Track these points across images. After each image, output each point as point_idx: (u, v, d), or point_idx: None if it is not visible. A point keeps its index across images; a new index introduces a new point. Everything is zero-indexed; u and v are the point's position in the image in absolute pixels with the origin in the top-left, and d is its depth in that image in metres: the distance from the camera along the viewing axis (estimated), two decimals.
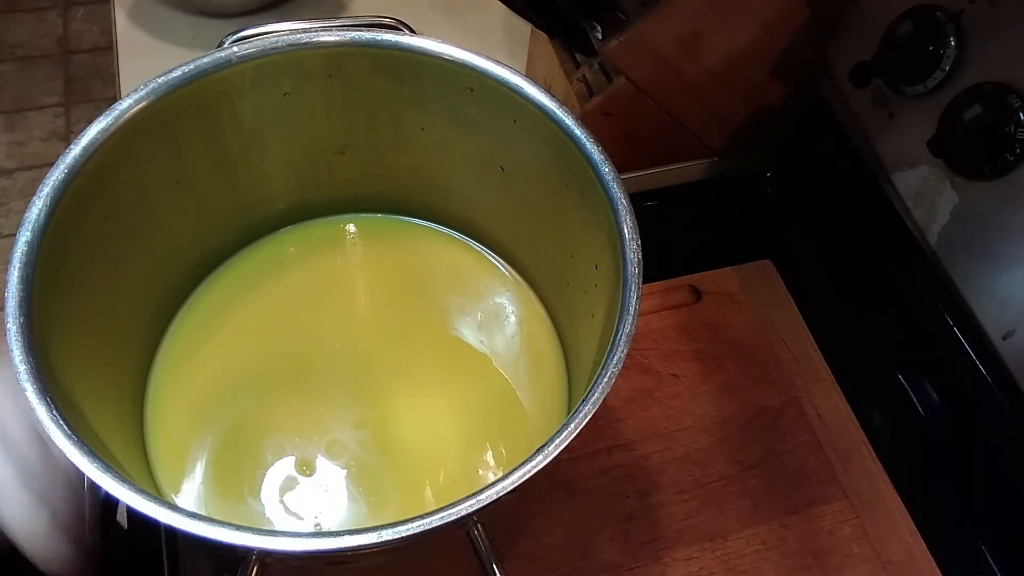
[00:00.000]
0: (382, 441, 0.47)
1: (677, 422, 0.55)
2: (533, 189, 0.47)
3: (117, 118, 0.40)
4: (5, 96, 1.67)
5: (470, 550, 0.39)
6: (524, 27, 0.68)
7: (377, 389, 0.49)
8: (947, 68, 0.50)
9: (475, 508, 0.32)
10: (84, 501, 0.44)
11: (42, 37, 1.76)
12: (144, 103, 0.41)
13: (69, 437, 0.33)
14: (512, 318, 0.52)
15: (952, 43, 0.49)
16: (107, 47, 1.74)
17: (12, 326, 0.35)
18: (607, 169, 0.41)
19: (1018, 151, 0.46)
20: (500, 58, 0.43)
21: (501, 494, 0.32)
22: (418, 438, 0.48)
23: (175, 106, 0.42)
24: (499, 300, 0.53)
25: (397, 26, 0.46)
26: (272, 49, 0.44)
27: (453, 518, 0.32)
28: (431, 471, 0.47)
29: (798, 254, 0.64)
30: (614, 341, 0.36)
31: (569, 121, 0.42)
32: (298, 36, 0.44)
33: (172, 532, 0.48)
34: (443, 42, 0.44)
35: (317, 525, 0.45)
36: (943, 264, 0.53)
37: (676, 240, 0.60)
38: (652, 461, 0.53)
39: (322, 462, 0.46)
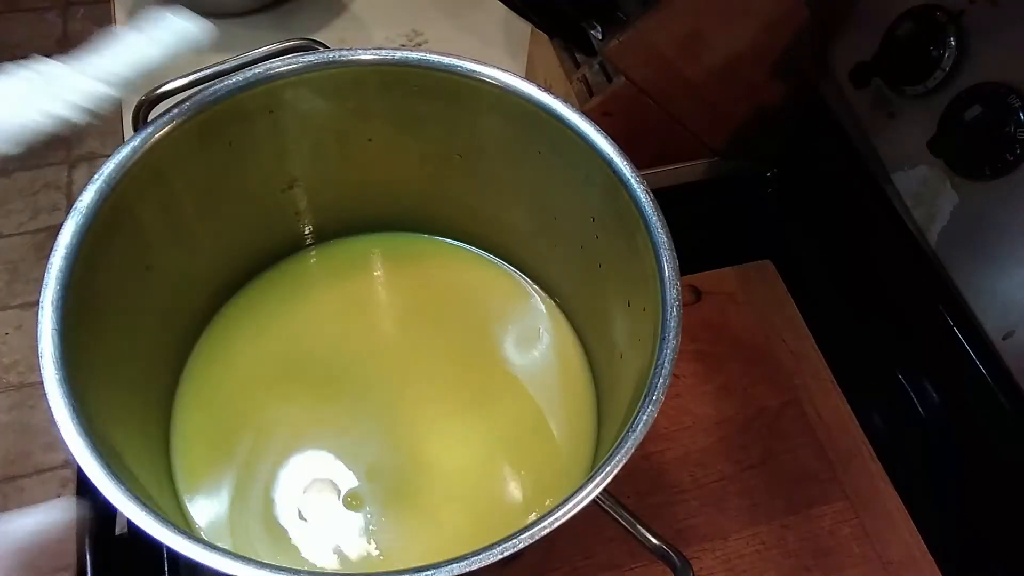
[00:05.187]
0: (411, 469, 0.47)
1: (677, 422, 0.55)
2: (565, 211, 0.47)
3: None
4: None
5: None
6: (524, 27, 0.68)
7: (406, 417, 0.49)
8: (947, 68, 0.50)
9: (499, 557, 0.33)
10: None
11: (42, 37, 1.76)
12: (103, 192, 0.39)
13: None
14: (545, 342, 0.52)
15: (952, 43, 0.49)
16: None
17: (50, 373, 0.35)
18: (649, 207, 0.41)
19: (1018, 151, 0.46)
20: (500, 58, 0.43)
21: (525, 544, 0.34)
22: (447, 464, 0.48)
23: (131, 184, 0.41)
24: (532, 323, 0.53)
25: (313, 45, 0.44)
26: (213, 99, 0.42)
27: (479, 565, 0.32)
28: (459, 498, 0.47)
29: (798, 254, 0.64)
30: (645, 397, 0.37)
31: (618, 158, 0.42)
32: (235, 80, 0.42)
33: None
34: (499, 69, 0.42)
35: (343, 555, 0.44)
36: (943, 264, 0.53)
37: (676, 240, 0.60)
38: (652, 461, 0.53)
39: (349, 491, 0.46)
